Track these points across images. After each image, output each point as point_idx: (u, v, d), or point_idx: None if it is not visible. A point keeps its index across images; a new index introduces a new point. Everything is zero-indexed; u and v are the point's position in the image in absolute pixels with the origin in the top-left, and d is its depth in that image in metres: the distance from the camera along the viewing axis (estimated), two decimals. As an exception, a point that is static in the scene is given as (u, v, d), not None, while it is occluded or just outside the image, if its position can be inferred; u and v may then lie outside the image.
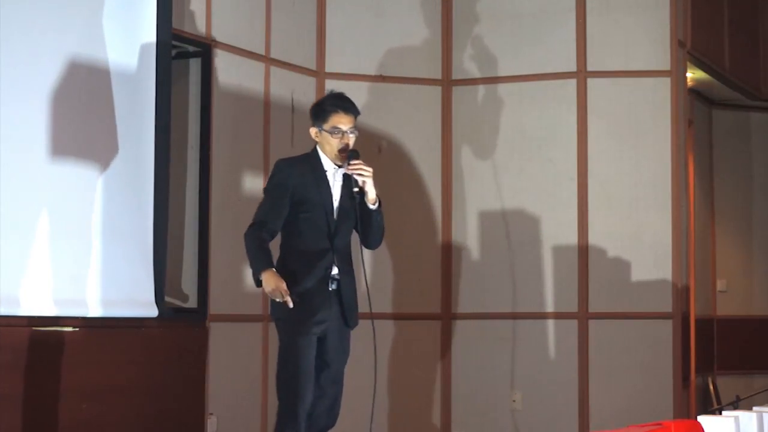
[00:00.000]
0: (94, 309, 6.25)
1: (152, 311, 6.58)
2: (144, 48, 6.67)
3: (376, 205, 5.67)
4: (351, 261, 5.71)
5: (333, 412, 5.67)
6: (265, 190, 5.68)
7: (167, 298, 6.82)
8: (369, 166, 5.58)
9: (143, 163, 6.63)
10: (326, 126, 5.63)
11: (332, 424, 5.70)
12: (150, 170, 6.65)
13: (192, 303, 7.26)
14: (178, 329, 6.96)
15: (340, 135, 5.61)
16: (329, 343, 5.60)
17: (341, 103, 5.70)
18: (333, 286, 5.59)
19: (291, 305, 5.36)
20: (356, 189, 5.57)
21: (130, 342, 6.57)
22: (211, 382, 7.19)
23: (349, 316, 5.64)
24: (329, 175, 5.65)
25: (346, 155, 5.58)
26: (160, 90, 6.72)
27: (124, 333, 6.53)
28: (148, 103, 6.67)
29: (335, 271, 5.59)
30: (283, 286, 5.36)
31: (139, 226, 6.58)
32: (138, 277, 6.54)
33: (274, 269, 5.44)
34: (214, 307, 7.30)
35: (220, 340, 7.32)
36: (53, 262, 6.05)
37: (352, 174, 5.56)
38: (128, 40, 6.58)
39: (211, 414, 7.23)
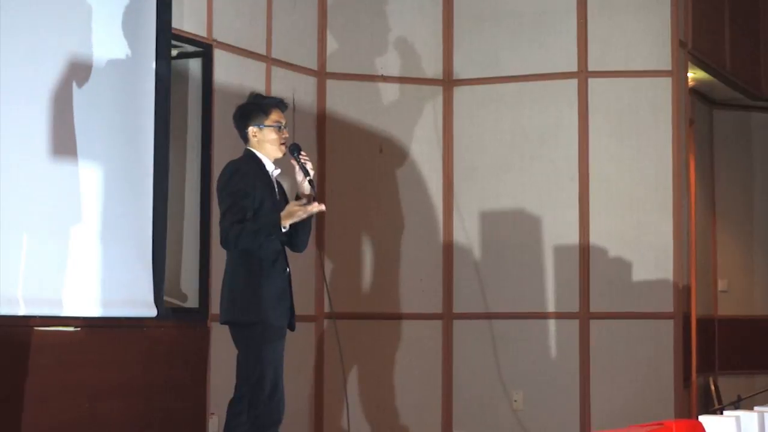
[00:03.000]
0: (94, 309, 6.25)
1: (151, 311, 6.58)
2: (144, 48, 6.67)
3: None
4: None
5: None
6: (226, 194, 5.63)
7: (166, 298, 6.82)
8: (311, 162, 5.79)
9: (143, 163, 6.63)
10: (268, 121, 5.75)
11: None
12: (150, 170, 6.65)
13: (193, 303, 7.26)
14: (179, 329, 6.96)
15: (281, 130, 5.77)
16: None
17: (277, 100, 5.88)
18: (285, 285, 5.70)
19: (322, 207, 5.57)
20: (309, 178, 5.70)
21: (132, 342, 6.57)
22: (212, 382, 7.19)
23: (293, 316, 5.76)
24: (272, 176, 5.77)
25: (290, 145, 5.76)
26: (160, 90, 6.72)
27: (126, 333, 6.53)
28: (148, 103, 6.67)
29: (288, 270, 5.72)
30: (298, 206, 5.54)
31: (139, 227, 6.58)
32: (137, 277, 6.54)
33: (278, 215, 5.55)
34: (215, 307, 7.28)
35: (222, 339, 7.30)
36: (53, 262, 6.05)
37: (304, 164, 5.72)
38: (128, 40, 6.58)
39: (213, 414, 7.23)
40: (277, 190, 5.77)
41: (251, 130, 5.77)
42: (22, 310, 5.86)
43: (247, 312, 5.58)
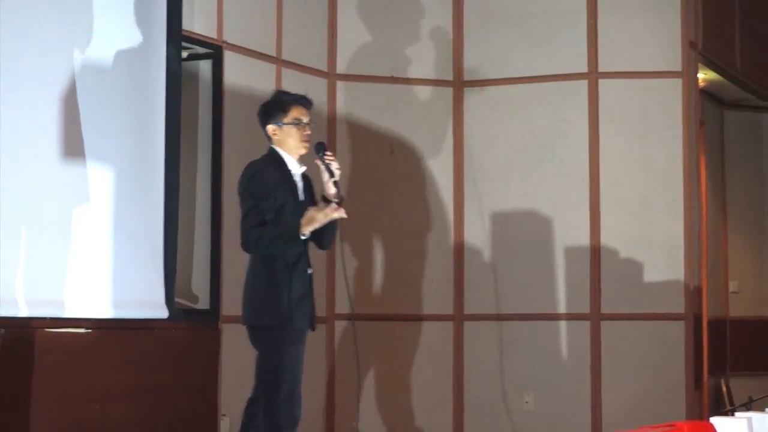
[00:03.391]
0: (105, 310, 6.26)
1: (162, 312, 6.58)
2: (155, 50, 6.68)
3: (339, 200, 5.65)
4: None
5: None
6: (246, 195, 5.61)
7: (177, 299, 6.82)
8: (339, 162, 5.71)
9: (153, 164, 6.63)
10: (287, 119, 5.66)
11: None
12: (160, 172, 6.65)
13: (204, 304, 7.26)
14: (191, 330, 6.96)
15: (302, 127, 5.67)
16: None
17: (298, 97, 5.77)
18: (307, 287, 5.64)
19: (342, 213, 5.47)
20: (334, 179, 5.58)
21: (144, 343, 6.58)
22: (223, 383, 7.19)
23: (314, 317, 5.72)
24: (294, 176, 5.68)
25: (315, 144, 5.66)
26: (170, 91, 6.73)
27: (138, 334, 6.54)
28: (158, 104, 6.68)
29: (310, 271, 5.67)
30: (318, 211, 5.45)
31: (150, 228, 6.59)
32: (148, 279, 6.55)
33: (297, 221, 5.47)
34: (227, 308, 7.30)
35: (233, 341, 7.32)
36: (64, 263, 6.06)
37: (328, 165, 5.61)
38: (139, 41, 6.59)
39: (224, 415, 7.24)
40: (301, 188, 5.69)
41: (270, 128, 5.71)
42: (33, 312, 5.87)
43: (267, 314, 5.55)
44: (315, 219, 5.47)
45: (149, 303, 6.53)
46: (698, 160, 8.97)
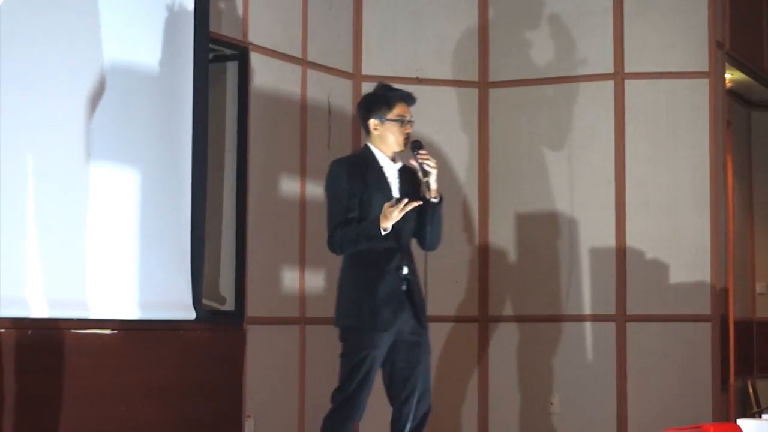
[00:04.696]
0: (132, 312, 6.28)
1: (190, 314, 6.60)
2: (182, 51, 6.69)
3: (438, 198, 5.55)
4: (414, 259, 5.62)
5: (421, 413, 5.55)
6: (330, 195, 5.53)
7: (205, 301, 6.84)
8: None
9: (180, 166, 6.65)
10: (391, 115, 5.55)
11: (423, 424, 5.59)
12: (187, 174, 6.67)
13: (229, 306, 7.27)
14: (215, 332, 6.97)
15: (405, 125, 5.56)
16: (405, 347, 5.49)
17: (403, 93, 5.63)
18: (404, 287, 5.49)
19: (412, 204, 5.31)
20: (426, 179, 5.47)
21: (168, 344, 6.59)
22: (248, 385, 7.20)
23: (422, 316, 5.52)
24: (387, 172, 5.54)
25: (411, 142, 5.53)
26: (197, 93, 6.74)
27: (162, 335, 6.55)
28: (185, 106, 6.69)
29: (405, 270, 5.50)
30: (392, 206, 5.30)
31: (177, 230, 6.61)
32: (176, 280, 6.56)
33: (377, 218, 5.35)
34: (252, 309, 7.31)
35: (258, 342, 7.34)
36: (91, 265, 6.07)
37: (421, 164, 5.48)
38: (166, 44, 6.61)
39: (249, 416, 7.25)
40: (398, 184, 5.55)
41: (372, 122, 5.57)
42: (59, 313, 5.89)
43: (347, 317, 5.46)
44: (390, 214, 5.31)
45: (176, 304, 6.55)
46: (725, 160, 8.93)
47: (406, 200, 5.34)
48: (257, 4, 7.53)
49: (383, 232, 5.35)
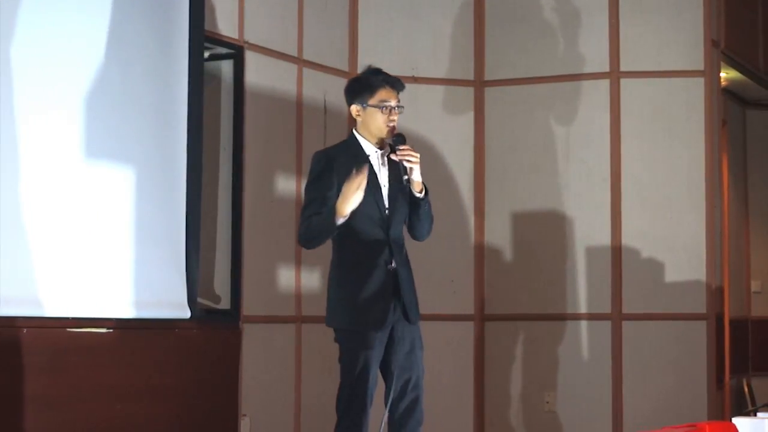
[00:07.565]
0: (127, 310, 6.28)
1: (185, 313, 6.59)
2: (177, 50, 6.69)
3: (423, 193, 5.33)
4: (406, 252, 5.37)
5: (417, 414, 5.34)
6: (307, 185, 5.29)
7: (200, 300, 6.84)
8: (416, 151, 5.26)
9: (176, 165, 6.65)
10: (372, 101, 5.26)
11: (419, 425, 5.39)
12: (182, 172, 6.66)
13: (225, 304, 7.27)
14: (211, 330, 6.97)
15: (388, 111, 5.28)
16: (399, 345, 5.24)
17: (388, 78, 5.33)
18: (393, 281, 5.23)
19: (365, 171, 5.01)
20: (405, 177, 5.20)
21: (164, 343, 6.59)
22: (244, 384, 7.20)
23: (410, 311, 5.27)
24: (372, 160, 5.27)
25: (393, 136, 5.26)
26: (192, 92, 6.74)
27: (158, 334, 6.55)
28: (180, 105, 6.69)
29: (393, 264, 5.25)
30: (351, 181, 4.99)
31: (172, 228, 6.60)
32: (171, 279, 6.56)
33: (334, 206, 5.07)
34: (247, 308, 7.31)
35: (253, 341, 7.34)
36: (86, 263, 6.07)
37: (400, 160, 5.18)
38: (161, 42, 6.60)
39: (244, 415, 7.25)
40: (386, 173, 5.29)
41: (354, 108, 5.30)
42: (54, 312, 5.89)
43: (335, 317, 5.28)
44: (347, 191, 5.02)
45: (171, 303, 6.54)
46: (720, 159, 8.94)
47: (364, 169, 5.04)
48: (252, 2, 7.53)
49: (339, 221, 5.07)
